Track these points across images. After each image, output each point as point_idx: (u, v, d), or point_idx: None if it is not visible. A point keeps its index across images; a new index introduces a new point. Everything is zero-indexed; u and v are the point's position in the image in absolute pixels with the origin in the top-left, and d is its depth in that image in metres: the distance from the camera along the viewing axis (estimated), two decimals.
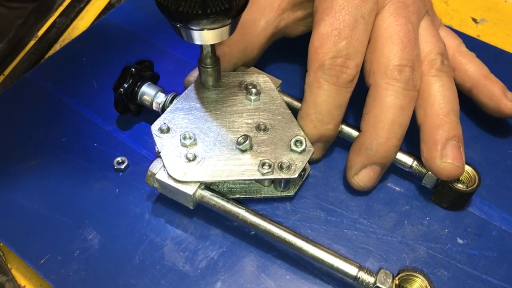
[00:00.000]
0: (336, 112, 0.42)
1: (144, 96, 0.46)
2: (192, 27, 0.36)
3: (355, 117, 0.48)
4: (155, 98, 0.46)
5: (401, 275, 0.37)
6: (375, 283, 0.36)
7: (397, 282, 0.37)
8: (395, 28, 0.41)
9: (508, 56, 0.55)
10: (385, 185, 0.45)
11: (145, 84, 0.47)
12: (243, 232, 0.42)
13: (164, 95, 0.46)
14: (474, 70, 0.47)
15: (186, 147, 0.41)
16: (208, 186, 0.41)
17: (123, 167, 0.46)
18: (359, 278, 0.37)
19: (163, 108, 0.46)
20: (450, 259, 0.41)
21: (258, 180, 0.43)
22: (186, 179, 0.40)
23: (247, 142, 0.41)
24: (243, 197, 0.43)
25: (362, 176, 0.42)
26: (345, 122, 0.45)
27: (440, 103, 0.42)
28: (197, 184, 0.40)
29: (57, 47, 0.59)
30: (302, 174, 0.43)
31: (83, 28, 0.60)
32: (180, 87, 0.48)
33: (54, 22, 0.61)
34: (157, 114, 0.46)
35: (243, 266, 0.40)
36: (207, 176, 0.40)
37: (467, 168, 0.42)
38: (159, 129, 0.42)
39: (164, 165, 0.40)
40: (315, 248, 0.38)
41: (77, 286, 0.39)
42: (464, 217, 0.43)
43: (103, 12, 0.62)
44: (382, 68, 0.41)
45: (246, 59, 0.47)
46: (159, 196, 0.44)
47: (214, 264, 0.40)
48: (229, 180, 0.41)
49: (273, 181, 0.43)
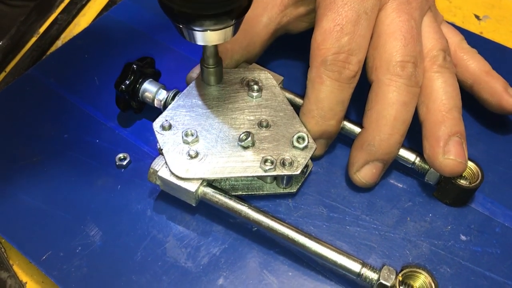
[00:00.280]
0: (338, 108, 0.42)
1: (146, 93, 0.46)
2: (195, 28, 0.36)
3: (357, 113, 0.48)
4: (157, 95, 0.46)
5: (404, 271, 0.37)
6: (378, 279, 0.36)
7: (400, 278, 0.37)
8: (397, 24, 0.41)
9: (510, 52, 0.55)
10: (387, 181, 0.45)
11: (146, 81, 0.46)
12: (245, 229, 0.42)
13: (166, 92, 0.46)
14: (475, 66, 0.47)
15: (188, 144, 0.41)
16: (210, 183, 0.41)
17: (125, 164, 0.45)
18: (363, 274, 0.37)
19: (165, 105, 0.45)
20: (453, 256, 0.41)
21: (260, 177, 0.43)
22: (188, 176, 0.40)
23: (249, 138, 0.41)
24: (245, 194, 0.43)
25: (365, 173, 0.42)
26: (347, 118, 0.44)
27: (443, 99, 0.42)
28: (199, 181, 0.40)
29: (58, 43, 0.59)
30: (305, 170, 0.43)
31: (85, 24, 0.60)
32: (181, 84, 0.48)
33: (56, 19, 0.61)
34: (158, 111, 0.45)
35: (245, 262, 0.40)
36: (209, 173, 0.40)
37: (470, 164, 0.42)
38: (161, 126, 0.42)
39: (166, 162, 0.40)
40: (318, 245, 0.38)
41: (79, 282, 0.39)
42: (467, 213, 0.43)
43: (104, 8, 0.62)
44: (384, 64, 0.41)
45: (248, 56, 0.47)
46: (161, 193, 0.44)
47: (216, 260, 0.40)
48: (231, 177, 0.41)
49: (275, 177, 0.43)
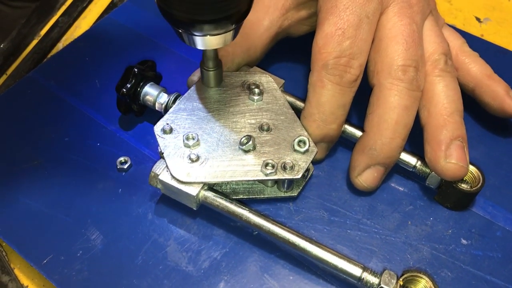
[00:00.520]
0: (339, 112, 0.42)
1: (147, 96, 0.46)
2: (195, 33, 0.36)
3: (358, 117, 0.48)
4: (158, 98, 0.46)
5: (405, 275, 0.37)
6: (379, 284, 0.36)
7: (401, 283, 0.36)
8: (399, 28, 0.41)
9: (511, 55, 0.55)
10: (388, 185, 0.45)
11: (147, 84, 0.46)
12: (246, 233, 0.42)
13: (167, 95, 0.46)
14: (477, 70, 0.46)
15: (189, 148, 0.41)
16: (211, 187, 0.41)
17: (126, 167, 0.45)
18: (363, 279, 0.37)
19: (166, 109, 0.45)
20: (454, 260, 0.41)
21: (261, 181, 0.43)
22: (189, 180, 0.40)
23: (250, 142, 0.41)
24: (246, 197, 0.43)
25: (366, 177, 0.42)
26: (348, 122, 0.44)
27: (444, 103, 0.41)
28: (200, 185, 0.40)
29: (59, 46, 0.59)
30: (306, 174, 0.43)
31: (86, 27, 0.60)
32: (182, 87, 0.48)
33: (57, 21, 0.61)
34: (160, 114, 0.45)
35: (246, 266, 0.40)
36: (210, 177, 0.40)
37: (471, 168, 0.42)
38: (162, 129, 0.42)
39: (167, 166, 0.40)
40: (319, 249, 0.38)
41: (80, 286, 0.39)
42: (468, 217, 0.43)
43: (105, 11, 0.62)
44: (386, 68, 0.41)
45: (249, 59, 0.47)
46: (162, 196, 0.44)
47: (217, 264, 0.40)
48: (232, 181, 0.40)
49: (276, 181, 0.43)
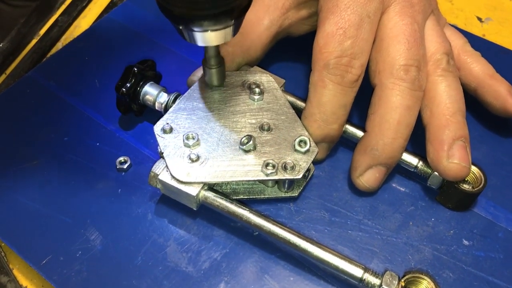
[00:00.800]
0: (340, 112, 0.42)
1: (147, 96, 0.46)
2: (195, 28, 0.36)
3: (360, 117, 0.48)
4: (158, 98, 0.46)
5: (407, 277, 0.37)
6: (380, 285, 0.36)
7: (403, 284, 0.36)
8: (401, 28, 0.41)
9: None
10: (390, 185, 0.44)
11: (147, 84, 0.46)
12: (246, 233, 0.42)
13: (167, 95, 0.46)
14: (479, 69, 0.46)
15: (189, 148, 0.41)
16: (211, 187, 0.41)
17: (125, 167, 0.45)
18: (365, 280, 0.37)
19: (166, 108, 0.45)
20: (456, 261, 0.40)
21: (261, 181, 0.42)
22: (189, 180, 0.39)
23: (250, 142, 0.40)
24: (247, 198, 0.42)
25: (367, 177, 0.42)
26: (349, 122, 0.44)
27: (446, 103, 0.41)
28: (200, 185, 0.39)
29: (59, 45, 0.59)
30: (306, 174, 0.43)
31: (85, 26, 0.60)
32: (182, 87, 0.47)
33: (56, 21, 0.60)
34: (159, 114, 0.45)
35: (246, 267, 0.40)
36: (211, 177, 0.39)
37: (473, 168, 0.42)
38: (162, 129, 0.42)
39: (167, 165, 0.40)
40: (320, 250, 0.38)
41: (79, 286, 0.39)
42: (469, 218, 0.43)
43: (105, 10, 0.62)
44: (388, 68, 0.40)
45: (249, 58, 0.47)
46: (162, 196, 0.43)
47: (218, 265, 0.40)
48: (232, 181, 0.40)
49: (277, 181, 0.42)
